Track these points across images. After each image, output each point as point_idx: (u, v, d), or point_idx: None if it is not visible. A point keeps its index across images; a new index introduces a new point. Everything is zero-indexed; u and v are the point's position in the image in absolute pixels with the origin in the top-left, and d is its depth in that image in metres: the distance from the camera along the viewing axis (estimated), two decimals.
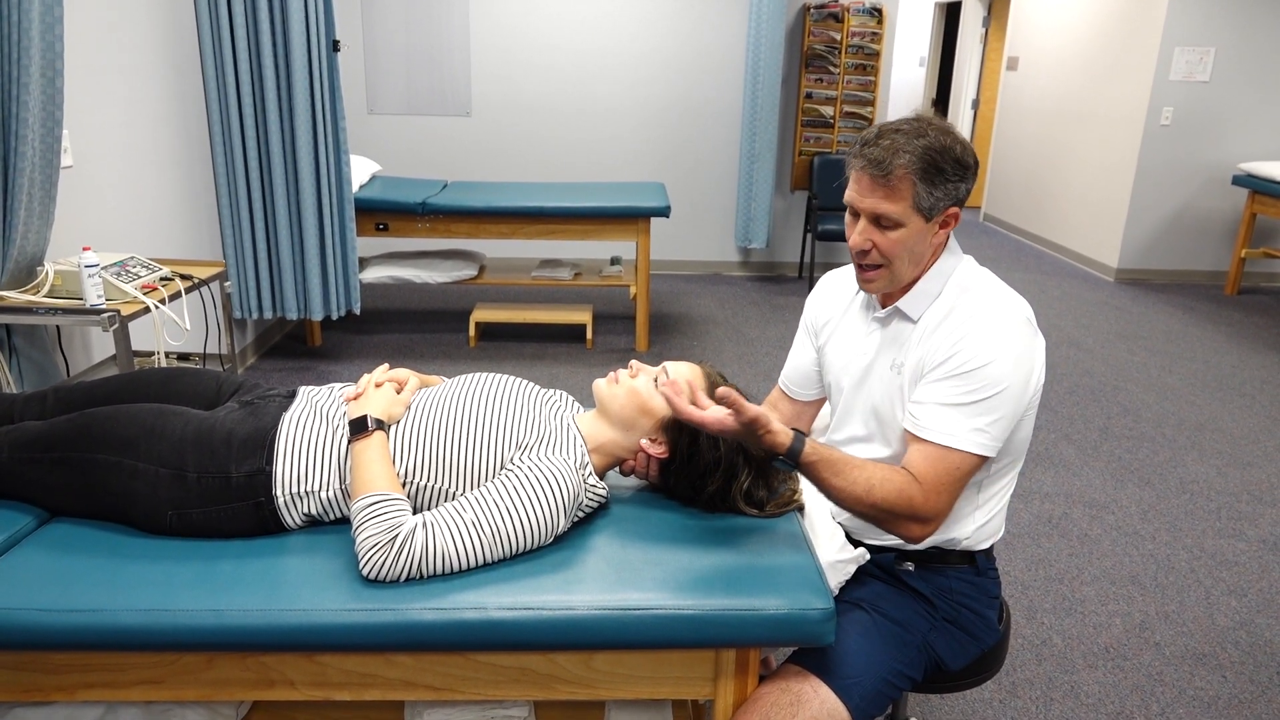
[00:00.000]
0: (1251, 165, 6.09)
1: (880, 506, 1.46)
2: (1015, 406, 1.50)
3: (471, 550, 1.40)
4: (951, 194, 1.51)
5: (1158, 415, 4.22)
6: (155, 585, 1.38)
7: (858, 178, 1.52)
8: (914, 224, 1.50)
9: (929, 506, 1.47)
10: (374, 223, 4.67)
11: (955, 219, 1.55)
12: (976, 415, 1.48)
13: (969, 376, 1.48)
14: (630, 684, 1.45)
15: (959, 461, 1.48)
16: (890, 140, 1.48)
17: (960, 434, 1.48)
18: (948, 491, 1.48)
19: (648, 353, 4.88)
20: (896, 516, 1.47)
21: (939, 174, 1.48)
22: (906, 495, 1.46)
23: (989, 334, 1.50)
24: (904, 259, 1.54)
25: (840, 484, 1.46)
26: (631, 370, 1.66)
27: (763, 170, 6.11)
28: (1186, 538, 3.15)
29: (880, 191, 1.49)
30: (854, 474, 1.46)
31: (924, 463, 1.49)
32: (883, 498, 1.45)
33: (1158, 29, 6.24)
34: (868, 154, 1.49)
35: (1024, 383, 1.51)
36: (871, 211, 1.51)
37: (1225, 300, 6.34)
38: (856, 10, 6.11)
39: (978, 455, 1.49)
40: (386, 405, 1.58)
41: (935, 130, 1.49)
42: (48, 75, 2.52)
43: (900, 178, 1.47)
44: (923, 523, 1.48)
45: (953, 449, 1.48)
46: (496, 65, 6.11)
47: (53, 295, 2.61)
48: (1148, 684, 2.40)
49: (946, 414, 1.49)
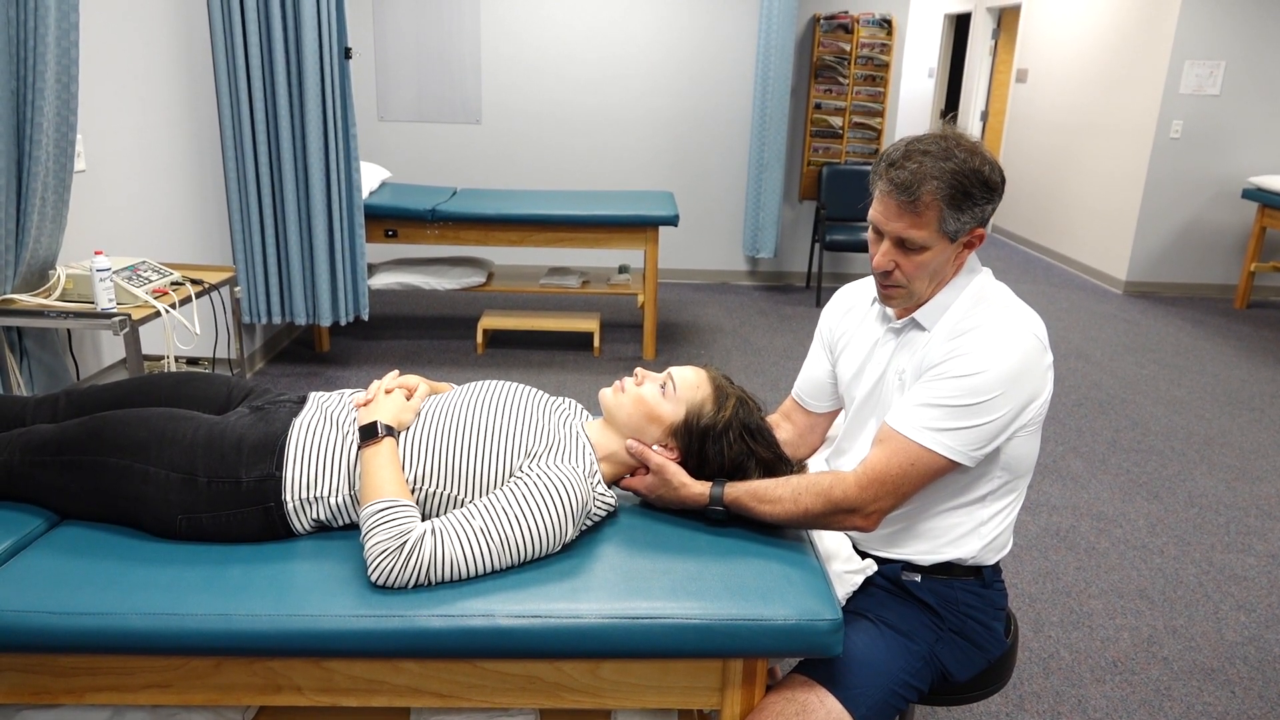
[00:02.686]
0: (1261, 179, 6.07)
1: (811, 512, 1.50)
2: (1001, 420, 1.48)
3: (480, 557, 1.41)
4: (978, 216, 1.50)
5: (1166, 429, 4.21)
6: (164, 589, 1.39)
7: (883, 200, 1.50)
8: (938, 247, 1.50)
9: (864, 498, 1.49)
10: (383, 229, 4.69)
11: (980, 239, 1.55)
12: (950, 418, 1.47)
13: (956, 381, 1.48)
14: (637, 693, 1.45)
15: (915, 456, 1.49)
16: (918, 164, 1.45)
17: (923, 430, 1.48)
18: (893, 483, 1.49)
19: (655, 361, 4.88)
20: (833, 513, 1.51)
21: (966, 199, 1.46)
22: (838, 491, 1.49)
23: (989, 345, 1.49)
24: (925, 279, 1.54)
25: (768, 509, 1.52)
26: (637, 378, 1.66)
27: (771, 180, 6.11)
28: (1195, 552, 3.13)
29: (907, 218, 1.47)
30: (778, 492, 1.52)
31: (878, 453, 1.51)
32: (809, 504, 1.50)
33: (1168, 42, 6.24)
34: (894, 177, 1.46)
35: (1019, 399, 1.49)
36: (896, 236, 1.50)
37: (1235, 314, 6.32)
38: (866, 21, 6.12)
39: (938, 455, 1.48)
40: (396, 412, 1.58)
41: (964, 151, 1.46)
42: (62, 81, 2.54)
43: (927, 204, 1.45)
44: (863, 515, 1.51)
45: (911, 441, 1.49)
46: (507, 73, 6.14)
47: (64, 299, 2.62)
48: (1155, 699, 2.39)
49: (919, 409, 1.50)
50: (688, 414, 1.59)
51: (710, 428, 1.58)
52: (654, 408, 1.60)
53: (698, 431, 1.59)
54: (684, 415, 1.59)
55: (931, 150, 1.46)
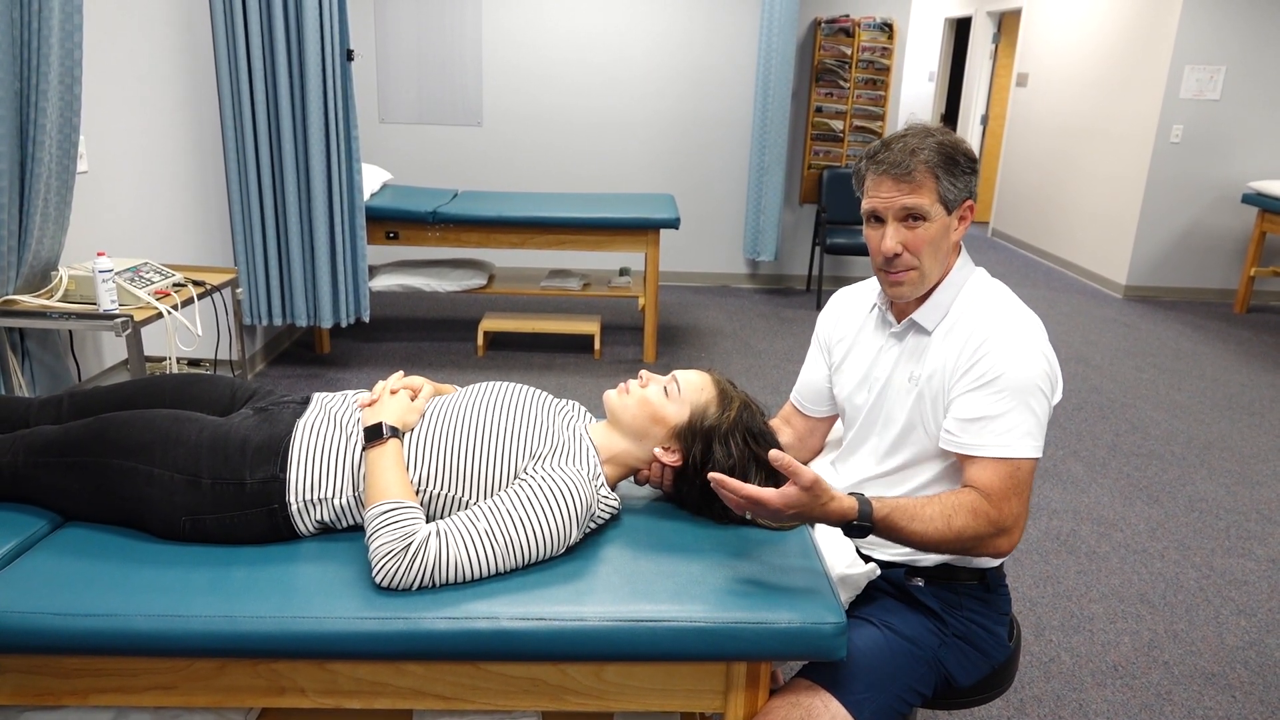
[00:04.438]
0: (1261, 184, 6.08)
1: (964, 534, 1.46)
2: (1047, 402, 1.53)
3: (484, 559, 1.41)
4: (967, 186, 1.56)
5: (1166, 433, 4.21)
6: (168, 591, 1.39)
7: (878, 183, 1.55)
8: (939, 217, 1.54)
9: (1004, 516, 1.49)
10: (384, 231, 4.69)
11: (971, 211, 1.59)
12: (1018, 420, 1.50)
13: (997, 383, 1.51)
14: (640, 696, 1.45)
15: (1018, 467, 1.50)
16: (902, 144, 1.53)
17: (1010, 442, 1.50)
18: (1017, 496, 1.50)
19: (656, 364, 4.88)
20: (980, 537, 1.48)
21: (955, 165, 1.53)
22: (982, 511, 1.47)
23: (1008, 339, 1.53)
24: (932, 255, 1.56)
25: (919, 527, 1.45)
26: (641, 380, 1.66)
27: (772, 183, 6.12)
28: (1195, 556, 3.13)
29: (905, 187, 1.52)
30: (927, 510, 1.46)
31: (987, 477, 1.50)
32: (964, 523, 1.46)
33: (1168, 47, 6.25)
34: (884, 158, 1.53)
35: (1048, 380, 1.54)
36: (899, 208, 1.53)
37: (1234, 318, 6.33)
38: (867, 25, 6.13)
39: (1032, 458, 1.51)
40: (401, 413, 1.58)
41: (938, 130, 1.56)
42: (66, 82, 2.54)
43: (922, 173, 1.51)
44: (1006, 533, 1.50)
45: (1009, 459, 1.50)
46: (508, 76, 6.14)
47: (66, 300, 2.62)
48: (1156, 703, 2.39)
49: (990, 426, 1.51)
50: (692, 416, 1.60)
51: (714, 430, 1.58)
52: (658, 409, 1.60)
53: (702, 434, 1.59)
54: (688, 417, 1.59)
55: (910, 133, 1.55)
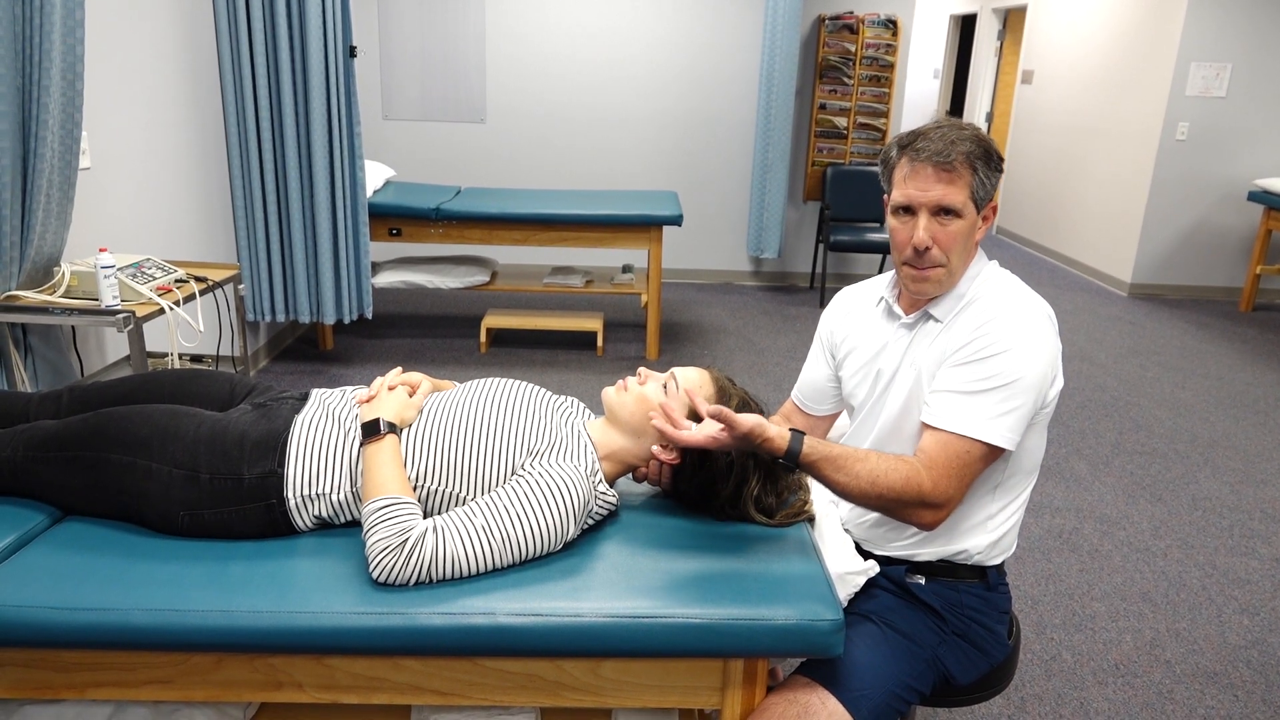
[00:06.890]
0: (1267, 181, 6.05)
1: (887, 496, 1.45)
2: (1032, 400, 1.50)
3: (481, 555, 1.41)
4: (995, 184, 1.54)
5: (1170, 431, 4.20)
6: (166, 585, 1.39)
7: (917, 171, 1.51)
8: (970, 215, 1.53)
9: (938, 492, 1.46)
10: (387, 227, 4.69)
11: (994, 213, 1.58)
12: (992, 403, 1.48)
13: (986, 363, 1.49)
14: (638, 692, 1.45)
15: (970, 448, 1.48)
16: (941, 133, 1.51)
17: (973, 421, 1.48)
18: (957, 477, 1.48)
19: (658, 361, 4.88)
20: (905, 504, 1.47)
21: (990, 160, 1.52)
22: (915, 482, 1.45)
23: (1010, 323, 1.51)
24: (960, 253, 1.55)
25: (843, 479, 1.46)
26: (640, 377, 1.66)
27: (776, 180, 6.11)
28: (1198, 555, 3.13)
29: (944, 179, 1.50)
30: (857, 467, 1.45)
31: (935, 448, 1.49)
32: (888, 486, 1.45)
33: (1174, 44, 6.22)
34: (924, 147, 1.50)
35: (1043, 377, 1.51)
36: (936, 203, 1.51)
37: (1239, 317, 6.30)
38: (871, 22, 6.12)
39: (990, 444, 1.48)
40: (399, 409, 1.58)
41: (969, 125, 1.53)
42: (68, 78, 2.54)
43: (961, 164, 1.49)
44: (934, 509, 1.48)
45: (964, 435, 1.48)
46: (511, 72, 6.14)
47: (69, 295, 2.63)
48: (1158, 702, 2.38)
49: (961, 401, 1.49)
50: (689, 414, 1.59)
51: None
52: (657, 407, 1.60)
53: None
54: (686, 415, 1.59)
55: (944, 124, 1.53)
